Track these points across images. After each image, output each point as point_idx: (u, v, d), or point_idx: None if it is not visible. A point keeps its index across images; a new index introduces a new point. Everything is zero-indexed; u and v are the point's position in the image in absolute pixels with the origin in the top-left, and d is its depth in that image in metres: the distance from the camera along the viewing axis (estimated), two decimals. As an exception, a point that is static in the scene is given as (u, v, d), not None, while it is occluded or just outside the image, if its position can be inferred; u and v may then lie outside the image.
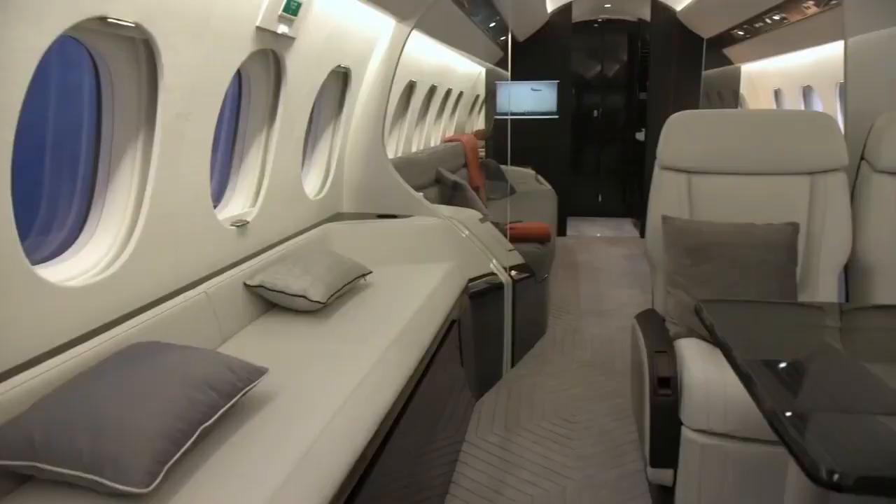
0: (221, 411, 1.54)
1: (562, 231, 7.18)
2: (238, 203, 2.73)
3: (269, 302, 2.53)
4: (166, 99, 1.94)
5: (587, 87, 8.64)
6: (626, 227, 7.81)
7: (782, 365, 1.65)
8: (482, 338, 3.37)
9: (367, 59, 3.49)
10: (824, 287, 2.53)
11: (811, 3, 4.29)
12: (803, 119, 2.82)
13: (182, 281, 2.21)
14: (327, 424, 1.65)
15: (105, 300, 1.86)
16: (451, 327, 2.77)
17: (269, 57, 2.61)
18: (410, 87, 4.74)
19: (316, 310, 2.48)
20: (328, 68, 3.04)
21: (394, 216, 3.59)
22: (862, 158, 2.70)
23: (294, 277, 2.47)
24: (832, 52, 4.05)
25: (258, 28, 2.27)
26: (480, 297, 3.32)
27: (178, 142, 2.05)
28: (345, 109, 3.45)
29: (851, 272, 2.66)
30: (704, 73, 7.13)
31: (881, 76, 2.96)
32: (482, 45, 5.82)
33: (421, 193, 3.75)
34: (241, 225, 2.58)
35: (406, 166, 4.18)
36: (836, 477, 1.05)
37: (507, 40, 5.34)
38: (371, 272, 2.85)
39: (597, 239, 7.33)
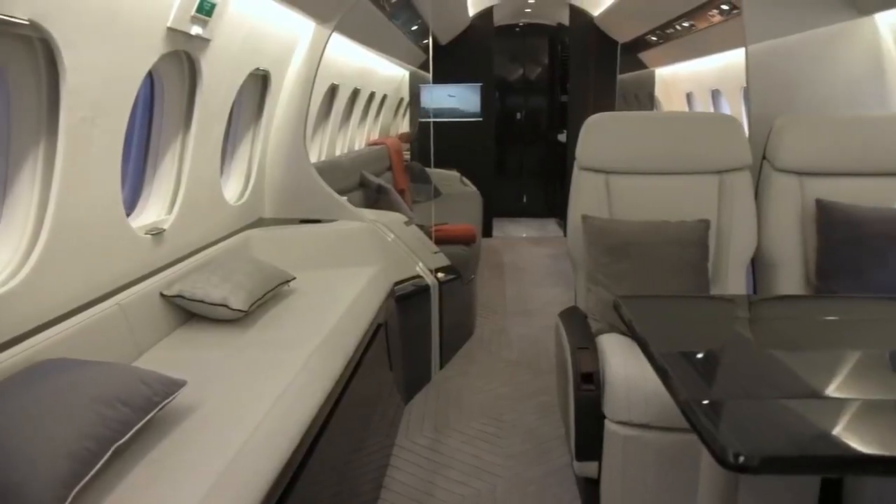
0: (136, 428, 1.48)
1: (487, 232, 7.28)
2: (153, 210, 2.62)
3: (188, 312, 2.45)
4: (70, 102, 1.84)
5: (510, 90, 8.79)
6: (551, 227, 7.99)
7: (697, 356, 1.73)
8: (410, 341, 3.37)
9: (286, 62, 3.43)
10: (733, 280, 2.66)
11: (716, 11, 4.51)
12: (711, 121, 2.96)
13: (93, 293, 2.11)
14: (250, 436, 1.61)
15: (7, 315, 1.75)
16: (377, 331, 2.75)
17: (183, 59, 2.52)
18: (333, 90, 4.69)
19: (237, 318, 2.41)
20: (246, 71, 2.97)
21: (317, 221, 3.54)
22: (764, 158, 2.86)
23: (214, 286, 2.39)
24: (737, 58, 4.27)
25: (170, 29, 2.19)
26: (407, 300, 3.32)
27: (84, 147, 1.95)
28: (265, 113, 3.38)
29: (757, 265, 2.80)
30: (620, 76, 7.38)
31: (779, 81, 3.15)
32: (405, 48, 5.83)
33: (345, 197, 3.72)
34: (156, 233, 2.48)
35: (329, 170, 4.14)
36: (741, 459, 1.10)
37: (428, 43, 5.36)
38: (294, 278, 2.80)
39: (522, 239, 7.46)
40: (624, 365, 2.13)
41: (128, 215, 2.39)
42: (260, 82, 3.33)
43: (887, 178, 2.73)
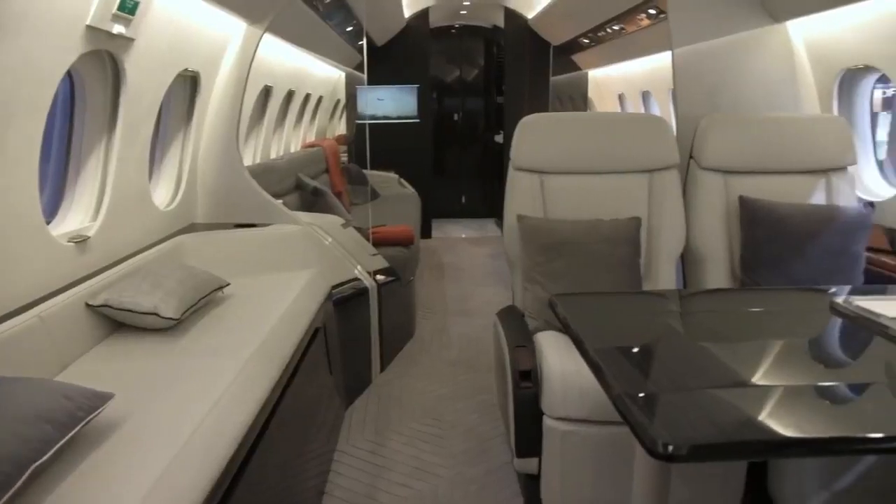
0: (58, 446, 1.41)
1: (426, 233, 7.29)
2: (76, 217, 2.51)
3: (116, 322, 2.36)
4: (-20, 104, 1.75)
5: (448, 91, 8.83)
6: (489, 227, 8.06)
7: (629, 350, 1.77)
8: (350, 344, 3.34)
9: (217, 63, 3.35)
10: (664, 276, 2.74)
11: (644, 16, 4.65)
12: (640, 122, 3.04)
13: (10, 305, 2.00)
14: (182, 448, 1.56)
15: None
16: (315, 336, 2.71)
17: (106, 59, 2.42)
18: (266, 92, 4.60)
19: (169, 327, 2.34)
20: (174, 72, 2.88)
21: (252, 225, 3.47)
22: (691, 157, 2.96)
23: (143, 294, 2.31)
24: (665, 60, 4.41)
25: (89, 27, 2.10)
26: (345, 303, 3.28)
27: (-3, 151, 1.86)
28: (195, 115, 3.28)
29: (687, 260, 2.90)
30: (555, 78, 7.52)
31: (704, 83, 3.27)
32: (340, 49, 5.77)
33: (280, 200, 3.66)
34: (80, 241, 2.37)
35: (264, 173, 4.06)
36: (670, 449, 1.14)
37: (364, 44, 5.33)
38: (229, 284, 2.73)
39: (461, 240, 7.51)
40: (561, 362, 2.17)
41: (48, 222, 2.29)
42: (189, 83, 3.23)
43: (803, 175, 2.87)
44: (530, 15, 7.10)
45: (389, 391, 3.50)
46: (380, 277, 3.62)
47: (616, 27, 5.29)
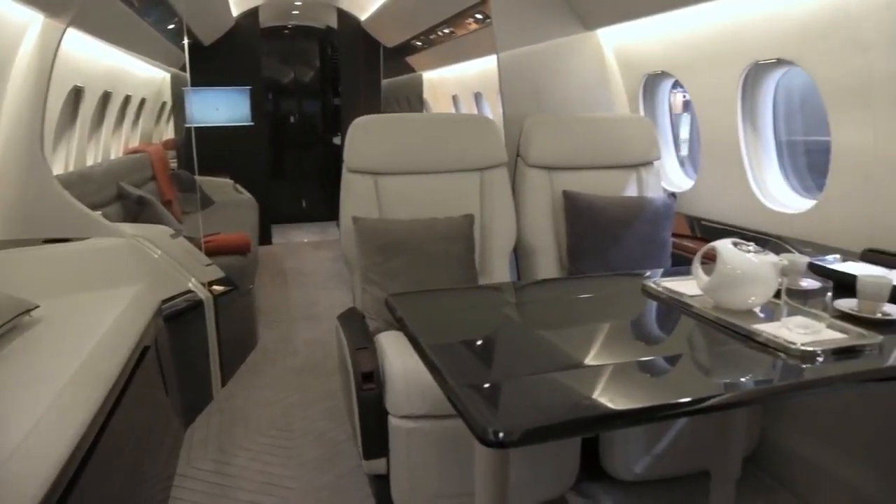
0: None
1: (266, 239, 7.07)
2: None
3: None
4: None
5: (283, 93, 8.61)
6: (331, 231, 7.98)
7: (465, 344, 1.82)
8: (186, 360, 3.15)
9: (9, 62, 3.00)
10: (499, 269, 2.86)
11: (472, 20, 4.83)
12: (470, 122, 3.14)
13: None
14: (-18, 493, 1.39)
15: None
16: (144, 354, 2.53)
17: None
18: (77, 93, 4.21)
19: (-36, 359, 2.07)
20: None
21: (66, 240, 3.15)
22: (518, 155, 3.12)
23: (-71, 324, 2.02)
24: (494, 63, 4.61)
25: None
26: (178, 317, 3.09)
27: None
28: (-14, 120, 2.93)
29: (519, 253, 3.05)
30: (392, 79, 7.60)
31: (527, 85, 3.46)
32: (162, 48, 5.41)
33: (99, 212, 3.36)
34: None
35: (79, 182, 3.72)
36: (501, 436, 1.18)
37: (189, 43, 5.04)
38: (38, 306, 2.46)
39: (304, 244, 7.36)
40: (402, 360, 2.19)
41: None
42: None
43: (617, 169, 3.13)
44: (363, 16, 7.11)
45: (233, 405, 3.35)
46: (216, 288, 3.45)
47: (447, 30, 5.45)
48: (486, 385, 1.49)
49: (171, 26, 4.99)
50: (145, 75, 5.94)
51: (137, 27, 4.32)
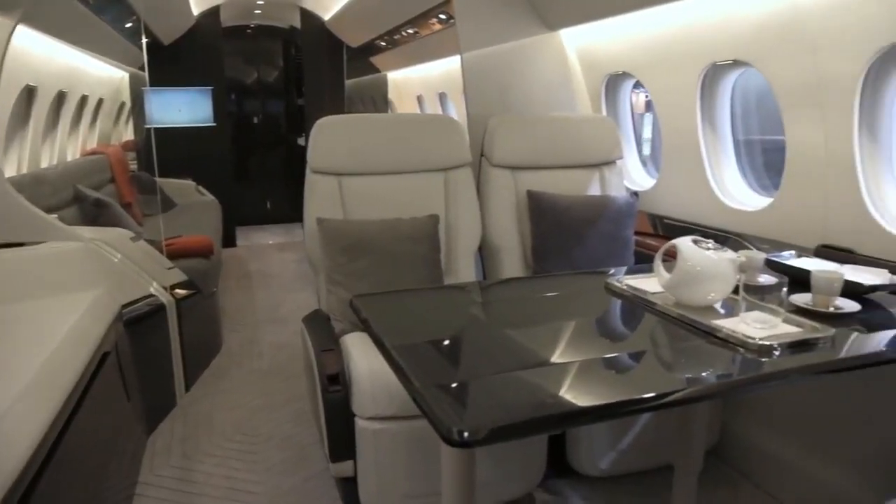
0: None
1: (231, 242, 6.98)
2: None
3: None
4: None
5: (247, 93, 8.51)
6: (297, 232, 7.90)
7: (431, 344, 1.82)
8: (148, 366, 3.09)
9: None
10: (464, 269, 2.87)
11: (436, 20, 4.83)
12: (434, 122, 3.14)
13: None
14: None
15: None
16: (104, 360, 2.47)
17: None
18: (30, 93, 4.09)
19: (-88, 369, 1.99)
20: None
21: (20, 244, 3.06)
22: (482, 155, 3.13)
23: None
24: (458, 63, 4.62)
25: None
26: (139, 322, 3.03)
27: None
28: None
29: (484, 253, 3.06)
30: (357, 79, 7.55)
31: (491, 85, 3.48)
32: (120, 47, 5.30)
33: (55, 215, 3.27)
34: None
35: (32, 185, 3.61)
36: (466, 435, 1.18)
37: (147, 42, 4.94)
38: (-9, 313, 2.40)
39: (269, 246, 7.29)
40: (368, 362, 2.19)
41: None
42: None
43: (580, 169, 3.16)
44: (327, 16, 7.07)
45: (197, 410, 3.30)
46: (178, 292, 3.39)
47: (411, 30, 5.44)
48: (451, 385, 1.49)
49: (129, 25, 4.89)
50: (103, 75, 5.81)
51: (93, 25, 4.22)
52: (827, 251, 2.36)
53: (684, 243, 1.80)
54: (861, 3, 2.08)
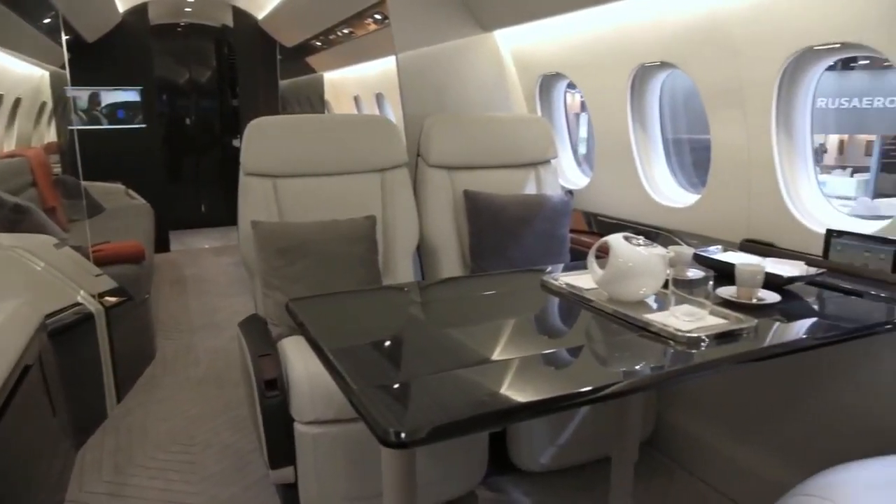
0: None
1: (164, 246, 6.77)
2: None
3: None
4: None
5: (178, 94, 8.25)
6: (233, 235, 7.70)
7: (370, 345, 1.80)
8: (76, 378, 2.96)
9: None
10: (403, 270, 2.86)
11: (371, 20, 4.81)
12: (370, 123, 3.12)
13: None
14: None
15: None
16: (25, 373, 2.35)
17: None
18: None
19: None
20: None
21: (-70, 253, 2.89)
22: (418, 155, 3.14)
23: None
24: (395, 64, 4.61)
25: None
26: (65, 332, 2.90)
27: None
28: None
29: (423, 253, 3.06)
30: (292, 79, 7.44)
31: (427, 85, 3.48)
32: (38, 44, 5.05)
33: (-31, 222, 3.11)
34: None
35: (-56, 191, 3.42)
36: (403, 436, 1.18)
37: (69, 40, 4.73)
38: None
39: (204, 250, 7.10)
40: (305, 365, 2.16)
41: None
42: None
43: (516, 168, 3.20)
44: (260, 15, 6.94)
45: (130, 422, 3.18)
46: (108, 299, 3.27)
47: (346, 30, 5.40)
48: (389, 386, 1.48)
49: (48, 20, 4.67)
50: (19, 73, 5.53)
51: (6, 19, 4.02)
52: (750, 245, 2.46)
53: (616, 240, 1.84)
54: (776, 10, 2.19)
